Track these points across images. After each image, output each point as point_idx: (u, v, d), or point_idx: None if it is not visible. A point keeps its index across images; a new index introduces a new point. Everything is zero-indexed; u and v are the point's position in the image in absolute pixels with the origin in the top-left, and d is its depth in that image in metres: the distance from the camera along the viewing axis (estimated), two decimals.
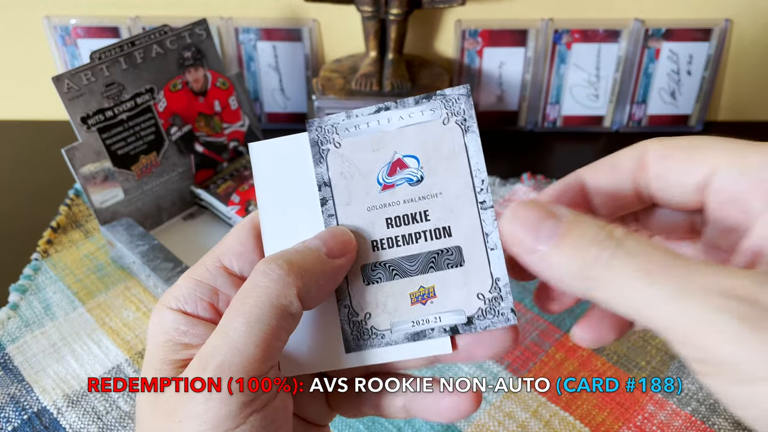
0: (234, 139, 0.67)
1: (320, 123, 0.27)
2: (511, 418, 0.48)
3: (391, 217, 0.27)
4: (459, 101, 0.27)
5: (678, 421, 0.47)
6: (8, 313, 0.56)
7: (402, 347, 0.27)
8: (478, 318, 0.26)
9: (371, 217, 0.27)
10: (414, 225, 0.27)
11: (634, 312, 0.20)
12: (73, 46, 0.77)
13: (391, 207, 0.27)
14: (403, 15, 0.70)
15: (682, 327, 0.19)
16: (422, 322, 0.27)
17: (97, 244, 0.64)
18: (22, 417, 0.48)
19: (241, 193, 0.64)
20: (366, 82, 0.71)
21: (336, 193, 0.27)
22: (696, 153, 0.24)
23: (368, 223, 0.27)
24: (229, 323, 0.23)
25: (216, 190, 0.64)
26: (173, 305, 0.26)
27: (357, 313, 0.27)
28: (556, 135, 0.81)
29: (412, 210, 0.27)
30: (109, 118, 0.57)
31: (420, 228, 0.27)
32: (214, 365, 0.23)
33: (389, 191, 0.27)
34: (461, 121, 0.27)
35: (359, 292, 0.27)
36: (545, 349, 0.53)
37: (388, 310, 0.27)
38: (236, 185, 0.65)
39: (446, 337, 0.27)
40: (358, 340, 0.27)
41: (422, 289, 0.27)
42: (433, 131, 0.27)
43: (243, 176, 0.66)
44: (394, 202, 0.27)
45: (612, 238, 0.21)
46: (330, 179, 0.27)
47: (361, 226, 0.27)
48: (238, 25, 0.76)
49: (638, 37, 0.75)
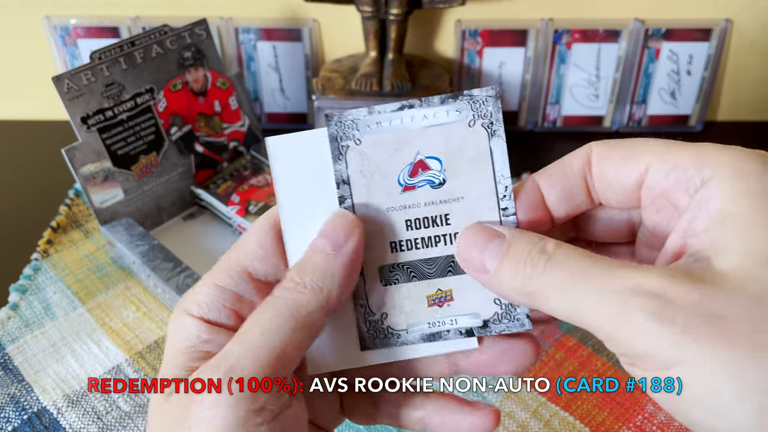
0: (234, 139, 0.67)
1: (340, 118, 0.26)
2: (511, 418, 0.48)
3: (411, 219, 0.26)
4: (487, 103, 0.26)
5: (678, 421, 0.47)
6: (8, 313, 0.56)
7: (422, 345, 0.27)
8: (493, 322, 0.26)
9: (391, 218, 0.27)
10: (434, 228, 0.26)
11: (573, 317, 0.22)
12: (73, 46, 0.77)
13: (411, 209, 0.26)
14: (403, 15, 0.70)
15: (605, 326, 0.21)
16: (438, 323, 0.27)
17: (97, 244, 0.64)
18: (22, 417, 0.48)
19: (241, 193, 0.64)
20: (366, 82, 0.71)
21: (355, 192, 0.26)
22: (632, 152, 0.25)
23: (387, 224, 0.27)
24: (248, 330, 0.24)
25: (216, 190, 0.64)
26: (195, 312, 0.26)
27: (373, 312, 0.27)
28: (556, 135, 0.81)
29: (432, 213, 0.26)
30: (109, 118, 0.57)
31: (440, 231, 0.26)
32: (225, 367, 0.23)
33: (410, 192, 0.26)
34: (488, 124, 0.26)
35: (376, 292, 0.27)
36: (545, 349, 0.53)
37: (405, 311, 0.27)
38: (236, 185, 0.65)
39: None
40: (374, 339, 0.27)
41: (440, 292, 0.27)
42: (458, 133, 0.26)
43: (243, 176, 0.66)
44: (414, 204, 0.26)
45: (544, 253, 0.23)
46: (349, 177, 0.26)
47: (380, 227, 0.27)
48: (238, 25, 0.76)
49: (638, 37, 0.75)
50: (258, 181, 0.65)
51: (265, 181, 0.65)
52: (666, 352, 0.20)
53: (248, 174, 0.66)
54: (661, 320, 0.20)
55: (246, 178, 0.65)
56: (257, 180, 0.65)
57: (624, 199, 0.26)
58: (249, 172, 0.66)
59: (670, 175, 0.24)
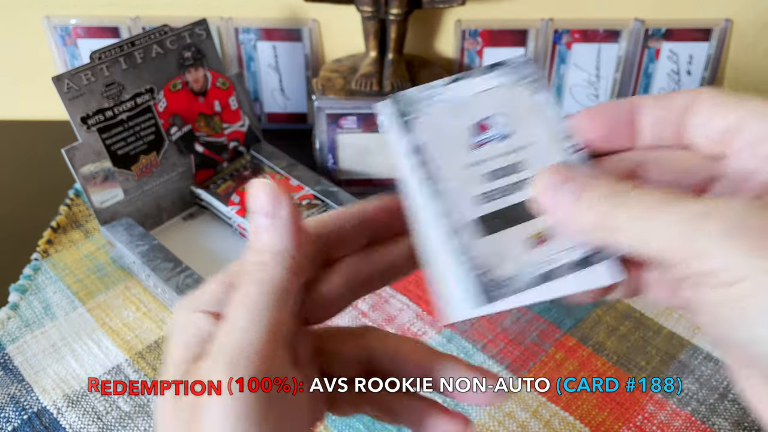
0: (234, 139, 0.67)
1: (398, 97, 0.29)
2: (511, 418, 0.48)
3: (489, 171, 0.28)
4: (524, 66, 0.29)
5: (678, 421, 0.47)
6: (8, 313, 0.56)
7: (543, 287, 0.27)
8: (596, 253, 0.27)
9: (469, 175, 0.28)
10: (513, 176, 0.28)
11: (644, 247, 0.23)
12: (73, 46, 0.77)
13: (486, 162, 0.28)
14: (403, 15, 0.70)
15: (676, 247, 0.22)
16: (549, 262, 0.27)
17: (97, 244, 0.64)
18: (22, 417, 0.49)
19: (241, 193, 0.64)
20: (366, 82, 0.71)
21: (429, 157, 0.28)
22: (739, 101, 0.26)
23: (467, 181, 0.28)
24: (233, 319, 0.24)
25: (216, 190, 0.64)
26: (201, 307, 0.26)
27: (480, 267, 0.27)
28: None
29: (507, 162, 0.28)
30: (109, 118, 0.57)
31: (519, 177, 0.28)
32: (223, 363, 0.23)
33: (481, 149, 0.28)
34: (530, 81, 0.29)
35: (477, 246, 0.27)
36: (545, 349, 0.53)
37: (512, 256, 0.27)
38: (236, 185, 0.65)
39: (611, 262, 0.27)
40: (490, 292, 0.27)
41: (539, 234, 0.27)
42: (507, 93, 0.29)
43: (243, 176, 0.66)
44: (488, 158, 0.28)
45: (617, 192, 0.24)
46: (421, 145, 0.28)
47: (461, 183, 0.28)
48: (238, 25, 0.76)
49: (638, 37, 0.75)
50: None
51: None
52: (734, 266, 0.21)
53: (248, 174, 0.66)
54: (731, 236, 0.21)
55: (246, 178, 0.65)
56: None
57: (714, 143, 0.26)
58: (249, 172, 0.66)
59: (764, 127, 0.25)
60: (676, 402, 0.49)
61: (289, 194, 0.27)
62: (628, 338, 0.54)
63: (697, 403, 0.49)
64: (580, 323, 0.55)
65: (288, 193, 0.27)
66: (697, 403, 0.49)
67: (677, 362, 0.52)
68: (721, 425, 0.47)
